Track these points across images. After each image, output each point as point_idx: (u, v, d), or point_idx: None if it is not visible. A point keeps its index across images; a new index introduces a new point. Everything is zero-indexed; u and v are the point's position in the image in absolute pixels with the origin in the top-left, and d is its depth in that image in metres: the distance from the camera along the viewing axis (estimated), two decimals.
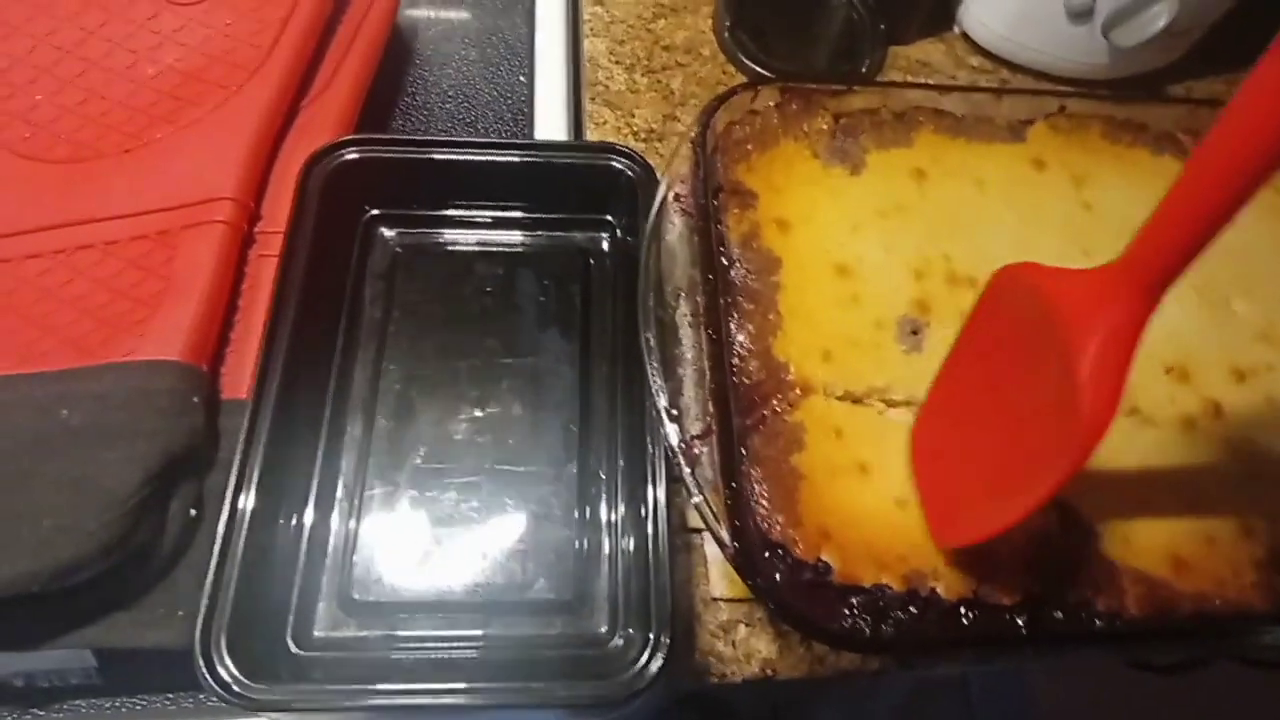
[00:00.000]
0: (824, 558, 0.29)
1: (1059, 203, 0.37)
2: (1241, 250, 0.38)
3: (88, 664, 0.30)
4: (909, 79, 0.51)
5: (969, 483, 0.28)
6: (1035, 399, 0.25)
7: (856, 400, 0.32)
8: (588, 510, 0.35)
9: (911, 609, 0.29)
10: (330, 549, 0.33)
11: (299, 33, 0.38)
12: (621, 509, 0.35)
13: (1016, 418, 0.26)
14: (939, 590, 0.29)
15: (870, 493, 0.31)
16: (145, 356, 0.30)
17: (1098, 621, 0.29)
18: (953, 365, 0.30)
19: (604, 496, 0.35)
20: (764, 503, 0.30)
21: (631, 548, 0.33)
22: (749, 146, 0.36)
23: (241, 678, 0.27)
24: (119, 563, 0.27)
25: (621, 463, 0.35)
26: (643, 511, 0.32)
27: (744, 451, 0.30)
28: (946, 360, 0.30)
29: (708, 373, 0.31)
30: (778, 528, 0.29)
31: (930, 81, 0.51)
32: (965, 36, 0.53)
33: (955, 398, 0.30)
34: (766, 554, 0.29)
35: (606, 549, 0.34)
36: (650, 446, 0.32)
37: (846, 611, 0.28)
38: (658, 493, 0.31)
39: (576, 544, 0.34)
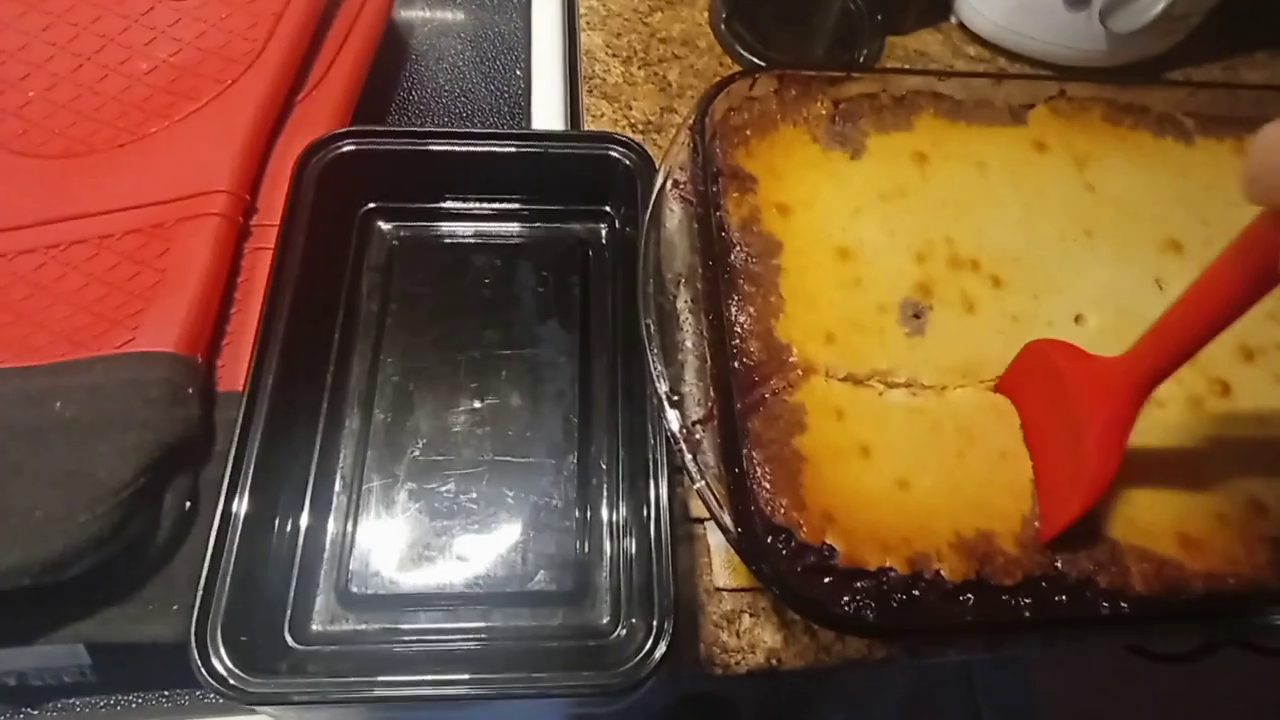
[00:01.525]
0: (829, 541, 0.28)
1: (1061, 184, 0.37)
2: None
3: (81, 661, 0.30)
4: (906, 68, 0.51)
5: (1046, 488, 0.31)
6: (1064, 443, 0.30)
7: (858, 381, 0.32)
8: (589, 501, 0.34)
9: (915, 592, 0.28)
10: (328, 542, 0.33)
11: (294, 26, 0.38)
12: (623, 499, 0.34)
13: (1058, 448, 0.30)
14: (943, 572, 0.28)
15: (872, 474, 0.30)
16: (139, 348, 0.29)
17: (1103, 602, 0.28)
18: (1023, 397, 0.32)
19: (605, 487, 0.35)
20: (766, 486, 0.29)
21: (634, 538, 0.32)
22: (748, 132, 0.36)
23: (238, 670, 0.26)
24: (112, 556, 0.27)
25: (622, 453, 0.35)
26: (645, 502, 0.31)
27: (745, 434, 0.30)
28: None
29: (708, 358, 0.31)
30: (781, 511, 0.29)
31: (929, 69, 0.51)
32: (962, 26, 0.53)
33: (1032, 421, 0.32)
34: (770, 539, 0.28)
35: (608, 540, 0.33)
36: (652, 436, 0.32)
37: (850, 596, 0.28)
38: (659, 482, 0.31)
39: (578, 535, 0.33)
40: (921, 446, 0.31)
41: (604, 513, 0.34)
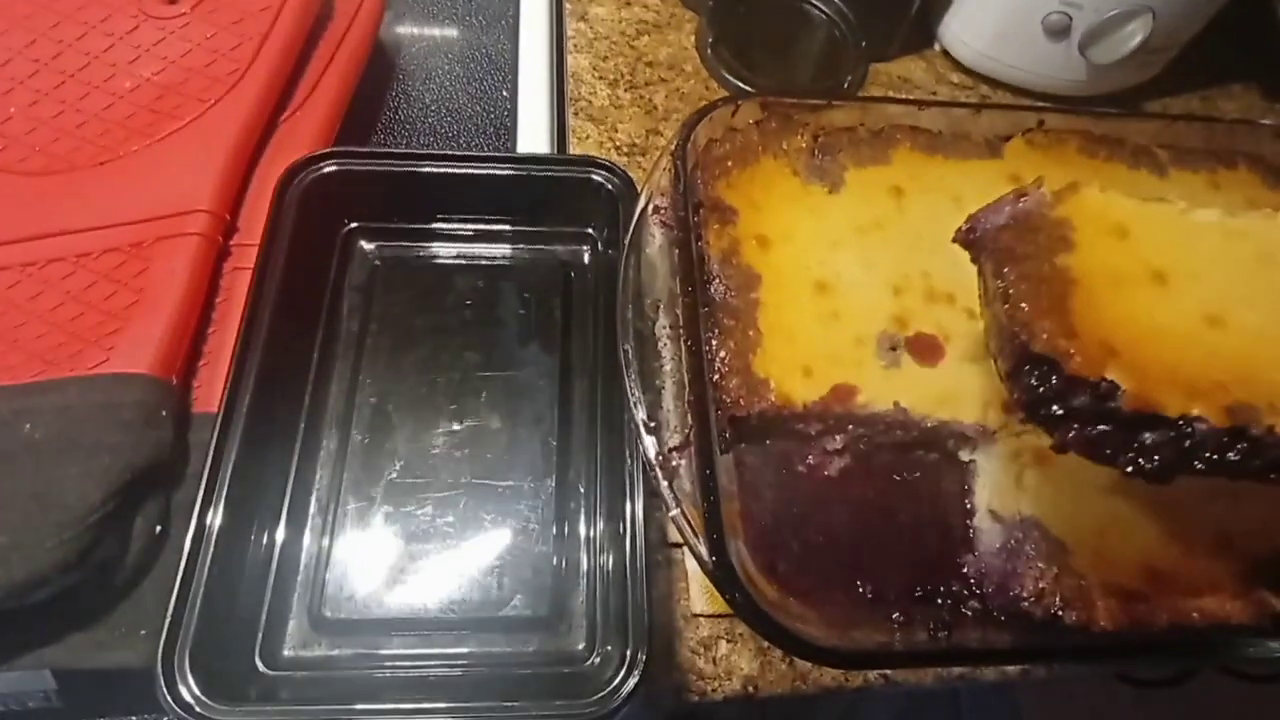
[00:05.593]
0: (1110, 376, 0.23)
1: None
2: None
3: (47, 685, 0.29)
4: (889, 96, 0.51)
5: None
6: None
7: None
8: (566, 526, 0.34)
9: (1234, 451, 0.22)
10: (302, 565, 0.32)
11: (279, 47, 0.38)
12: (600, 524, 0.34)
13: None
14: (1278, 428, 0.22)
15: (1167, 307, 0.25)
16: (113, 370, 0.29)
17: (1070, 637, 0.29)
18: None
19: (582, 512, 0.35)
20: (1022, 306, 0.24)
21: (610, 564, 0.32)
22: (729, 163, 0.36)
23: (205, 698, 0.26)
24: (79, 580, 0.26)
25: (600, 477, 0.35)
26: (621, 527, 0.31)
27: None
28: None
29: (686, 385, 0.31)
30: (1044, 336, 0.23)
31: (910, 98, 0.51)
32: (946, 54, 0.53)
33: None
34: (1026, 368, 0.23)
35: (585, 565, 0.33)
36: (629, 461, 0.32)
37: (1134, 452, 0.23)
38: (636, 508, 0.31)
39: (554, 560, 0.33)
40: (1244, 278, 0.26)
41: (580, 538, 0.34)
